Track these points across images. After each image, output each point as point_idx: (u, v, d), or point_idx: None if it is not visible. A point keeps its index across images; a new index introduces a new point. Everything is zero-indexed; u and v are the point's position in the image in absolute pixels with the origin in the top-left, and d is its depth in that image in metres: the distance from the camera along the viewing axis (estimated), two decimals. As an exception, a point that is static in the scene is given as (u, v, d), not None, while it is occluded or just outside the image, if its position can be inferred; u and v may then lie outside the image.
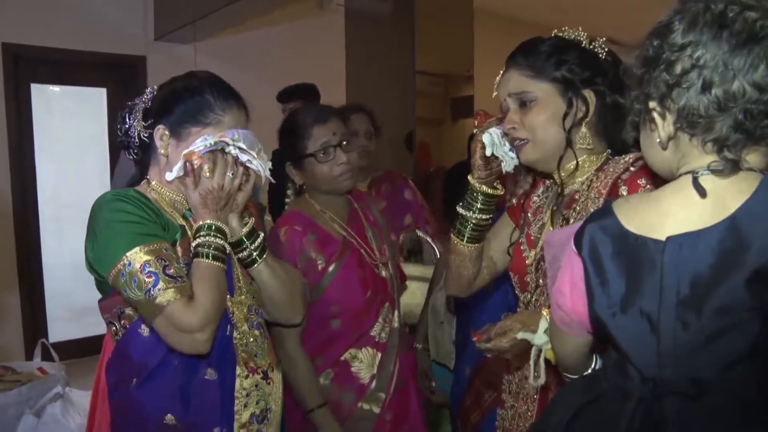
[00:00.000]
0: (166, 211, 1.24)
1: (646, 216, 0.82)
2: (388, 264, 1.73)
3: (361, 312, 1.63)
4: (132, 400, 1.19)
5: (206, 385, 1.21)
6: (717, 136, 0.77)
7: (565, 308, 0.91)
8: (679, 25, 0.78)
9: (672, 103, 0.79)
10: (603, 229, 0.84)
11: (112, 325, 1.23)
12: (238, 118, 1.25)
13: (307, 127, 1.63)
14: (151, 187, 1.26)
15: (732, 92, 0.75)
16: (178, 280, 1.12)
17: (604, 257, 0.83)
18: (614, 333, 0.83)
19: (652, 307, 0.79)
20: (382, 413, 1.63)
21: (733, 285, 0.74)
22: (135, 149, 1.31)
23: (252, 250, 1.30)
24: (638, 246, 0.80)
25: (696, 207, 0.78)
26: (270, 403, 1.29)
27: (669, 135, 0.82)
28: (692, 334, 0.77)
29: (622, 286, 0.81)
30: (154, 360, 1.19)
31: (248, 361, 1.26)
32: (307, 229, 1.61)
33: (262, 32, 4.68)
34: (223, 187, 1.20)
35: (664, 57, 0.79)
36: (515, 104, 1.20)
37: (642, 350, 0.81)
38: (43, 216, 4.11)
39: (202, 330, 1.12)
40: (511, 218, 1.37)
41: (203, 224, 1.19)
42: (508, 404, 1.32)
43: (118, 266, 1.12)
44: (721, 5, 0.76)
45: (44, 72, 4.15)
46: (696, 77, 0.77)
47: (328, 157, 1.61)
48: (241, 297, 1.29)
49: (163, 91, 1.28)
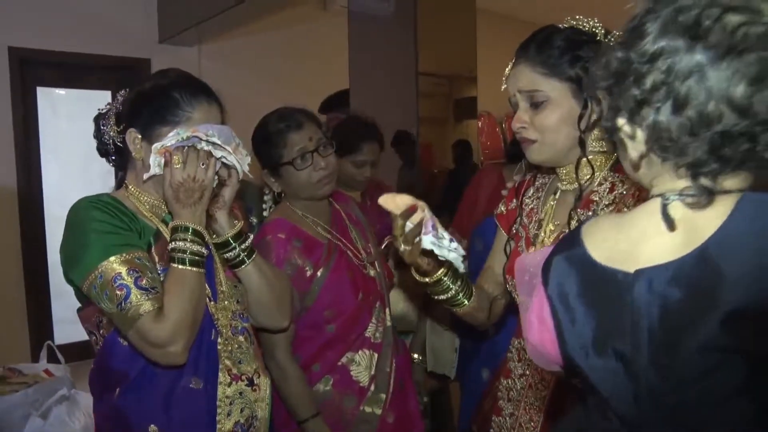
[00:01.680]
0: (144, 215, 1.21)
1: (616, 244, 0.73)
2: (375, 263, 1.71)
3: (355, 314, 1.61)
4: (115, 410, 1.17)
5: (190, 394, 1.18)
6: (691, 160, 0.67)
7: (533, 340, 0.83)
8: (651, 28, 0.67)
9: (642, 120, 0.69)
10: (569, 261, 0.76)
11: (93, 335, 1.21)
12: (208, 113, 1.21)
13: (282, 133, 1.58)
14: (129, 192, 1.24)
15: (707, 114, 0.64)
16: (151, 291, 1.09)
17: (570, 294, 0.75)
18: (589, 375, 0.75)
19: (626, 347, 0.70)
20: (383, 415, 1.62)
21: (708, 324, 0.64)
22: (113, 155, 1.29)
23: (240, 251, 1.27)
24: (606, 279, 0.72)
25: (668, 234, 0.69)
26: (256, 410, 1.26)
27: (641, 154, 0.72)
28: (669, 378, 0.68)
29: (592, 324, 0.73)
30: (135, 369, 1.16)
31: (231, 368, 1.22)
32: (291, 235, 1.58)
33: (266, 34, 4.69)
34: (195, 177, 1.14)
35: (634, 68, 0.68)
36: (525, 102, 1.14)
37: (619, 393, 0.73)
38: (48, 218, 4.13)
39: (172, 343, 1.09)
40: (502, 226, 1.33)
41: (179, 225, 1.14)
42: (506, 412, 1.26)
43: (90, 277, 1.10)
44: (696, 9, 0.64)
45: (50, 75, 4.18)
46: (666, 95, 0.66)
47: (306, 163, 1.57)
48: (225, 302, 1.26)
49: (131, 94, 1.27)
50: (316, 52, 4.95)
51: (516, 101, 1.16)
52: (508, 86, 1.17)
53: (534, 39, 1.15)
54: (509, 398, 1.26)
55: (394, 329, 1.73)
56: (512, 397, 1.25)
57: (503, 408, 1.28)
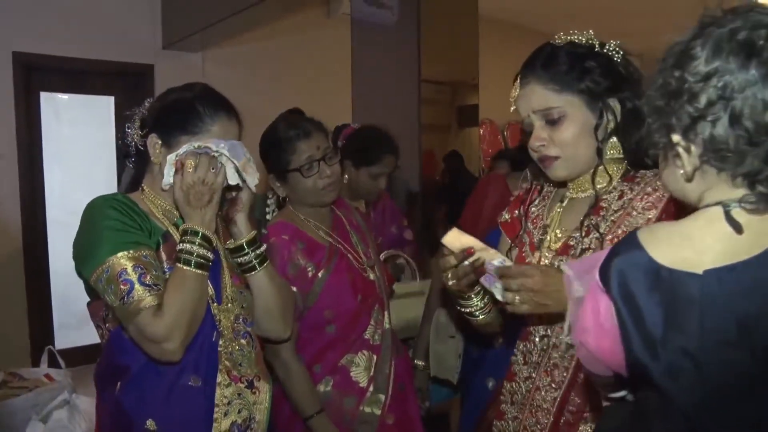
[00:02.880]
0: (156, 217, 1.26)
1: (680, 249, 0.76)
2: (375, 267, 1.76)
3: (354, 315, 1.65)
4: (117, 404, 1.20)
5: (189, 391, 1.21)
6: (749, 170, 0.72)
7: (589, 346, 0.84)
8: (701, 51, 0.73)
9: (697, 135, 0.74)
10: (633, 264, 0.77)
11: (99, 329, 1.25)
12: (227, 129, 1.27)
13: (291, 141, 1.63)
14: (144, 195, 1.29)
15: (764, 124, 0.70)
16: (153, 288, 1.14)
17: (637, 293, 0.76)
18: (655, 376, 0.76)
19: (694, 345, 0.73)
20: (383, 416, 1.65)
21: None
22: (133, 157, 1.34)
23: (253, 257, 1.32)
24: (673, 280, 0.74)
25: (732, 240, 0.73)
26: (254, 412, 1.29)
27: (695, 167, 0.77)
28: (736, 376, 0.71)
29: (659, 324, 0.75)
30: (137, 364, 1.20)
31: (231, 369, 1.26)
32: (295, 237, 1.63)
33: (269, 41, 4.71)
34: (205, 180, 1.19)
35: (687, 87, 0.74)
36: (541, 120, 1.15)
37: (686, 392, 0.75)
38: (51, 223, 4.13)
39: (168, 339, 1.13)
40: (507, 233, 1.34)
41: (189, 229, 1.19)
42: (509, 415, 1.26)
43: (98, 271, 1.15)
44: (745, 31, 0.71)
45: (53, 80, 4.19)
46: (723, 109, 0.71)
47: (312, 171, 1.62)
48: (228, 305, 1.29)
49: (157, 102, 1.33)
50: (319, 59, 4.97)
51: (530, 122, 1.17)
52: (519, 108, 1.17)
53: (538, 58, 1.16)
54: (513, 402, 1.27)
55: (393, 332, 1.76)
56: (516, 400, 1.26)
57: (506, 412, 1.28)
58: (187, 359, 1.20)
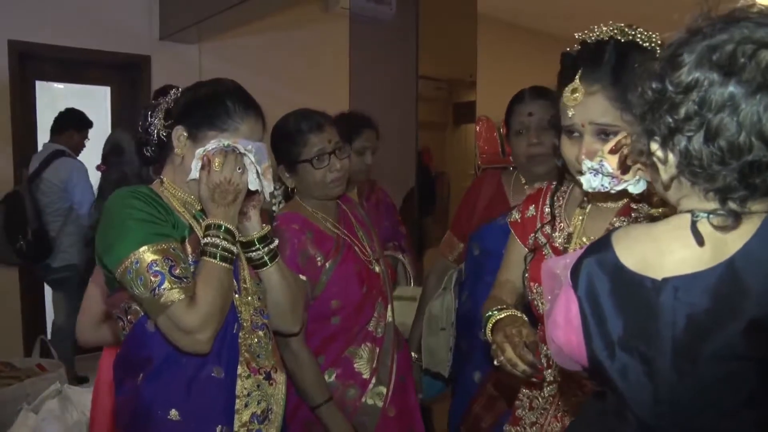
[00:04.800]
0: (177, 210, 1.27)
1: (645, 252, 0.77)
2: (380, 260, 1.79)
3: (359, 306, 1.68)
4: (138, 395, 1.21)
5: (212, 382, 1.22)
6: (720, 186, 0.71)
7: (559, 341, 0.86)
8: (687, 59, 0.71)
9: (675, 146, 0.73)
10: (600, 265, 0.79)
11: (120, 321, 1.25)
12: (254, 128, 1.28)
13: (304, 133, 1.66)
14: (164, 186, 1.29)
15: (738, 145, 0.68)
16: (183, 280, 1.14)
17: (600, 295, 0.78)
18: (612, 376, 0.78)
19: (649, 350, 0.74)
20: (385, 408, 1.68)
21: (730, 333, 0.69)
22: (152, 147, 1.34)
23: (264, 253, 1.34)
24: (635, 284, 0.76)
25: (695, 248, 0.73)
26: (272, 404, 1.30)
27: (672, 176, 0.76)
28: (688, 383, 0.72)
29: (619, 326, 0.76)
30: (160, 356, 1.20)
31: (250, 361, 1.27)
32: (304, 228, 1.65)
33: (267, 35, 4.70)
34: (231, 180, 1.21)
35: (668, 96, 0.72)
36: (592, 134, 1.08)
37: (640, 395, 0.76)
38: (44, 212, 4.12)
39: (201, 331, 1.14)
40: (518, 234, 1.31)
41: (213, 223, 1.21)
42: (527, 421, 1.23)
43: (125, 263, 1.14)
44: (731, 45, 0.68)
45: (49, 70, 4.18)
46: (699, 125, 0.70)
47: (322, 164, 1.65)
48: (248, 298, 1.31)
49: (187, 95, 1.32)
50: (316, 53, 4.96)
51: (580, 131, 1.10)
52: (575, 115, 1.09)
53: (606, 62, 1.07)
54: (532, 407, 1.23)
55: (395, 326, 1.79)
56: (536, 405, 1.22)
57: (523, 417, 1.24)
58: (210, 351, 1.21)
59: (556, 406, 1.18)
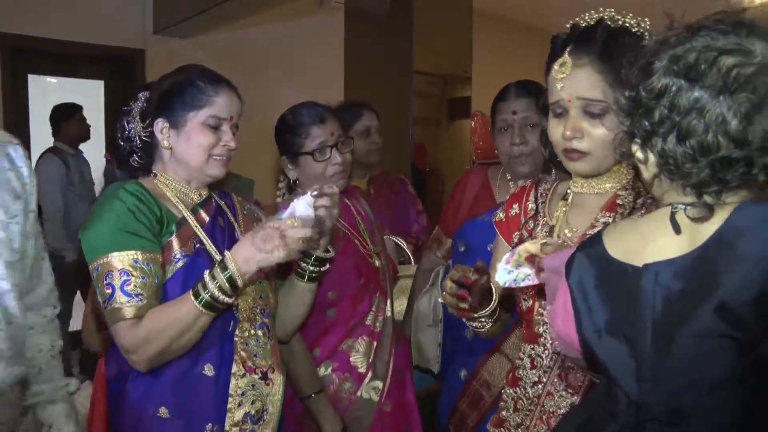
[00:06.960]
0: (170, 201, 1.27)
1: (629, 242, 0.84)
2: (381, 255, 1.79)
3: (355, 298, 1.68)
4: (129, 391, 1.21)
5: (203, 380, 1.22)
6: (695, 182, 0.78)
7: (558, 329, 0.92)
8: (657, 67, 0.78)
9: (653, 147, 0.80)
10: (589, 257, 0.86)
11: None
12: (230, 100, 1.30)
13: (306, 125, 1.66)
14: (158, 180, 1.30)
15: (707, 144, 0.75)
16: (133, 298, 1.14)
17: (587, 285, 0.85)
18: (600, 355, 0.85)
19: (632, 331, 0.80)
20: (381, 403, 1.68)
21: (702, 312, 0.74)
22: (138, 153, 1.34)
23: (310, 269, 1.42)
24: (619, 272, 0.82)
25: (673, 236, 0.80)
26: (267, 404, 1.29)
27: (654, 175, 0.83)
28: (667, 361, 0.78)
29: (605, 312, 0.83)
30: None
31: (246, 360, 1.26)
32: None
33: (261, 29, 4.68)
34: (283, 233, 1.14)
35: (643, 102, 0.79)
36: (579, 110, 1.05)
37: (625, 373, 0.82)
38: (37, 207, 4.10)
39: (135, 352, 1.16)
40: (503, 234, 1.30)
41: (226, 264, 1.15)
42: (512, 422, 1.19)
43: (92, 265, 1.18)
44: (693, 54, 0.75)
45: (42, 63, 4.15)
46: (671, 127, 0.77)
47: (324, 156, 1.65)
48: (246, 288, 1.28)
49: (155, 89, 1.33)
50: (311, 47, 4.94)
51: (566, 106, 1.06)
52: (564, 89, 1.06)
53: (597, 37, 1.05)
54: (516, 408, 1.20)
55: (394, 321, 1.79)
56: (521, 406, 1.19)
57: (507, 419, 1.21)
58: (202, 348, 1.21)
59: (541, 408, 1.16)
